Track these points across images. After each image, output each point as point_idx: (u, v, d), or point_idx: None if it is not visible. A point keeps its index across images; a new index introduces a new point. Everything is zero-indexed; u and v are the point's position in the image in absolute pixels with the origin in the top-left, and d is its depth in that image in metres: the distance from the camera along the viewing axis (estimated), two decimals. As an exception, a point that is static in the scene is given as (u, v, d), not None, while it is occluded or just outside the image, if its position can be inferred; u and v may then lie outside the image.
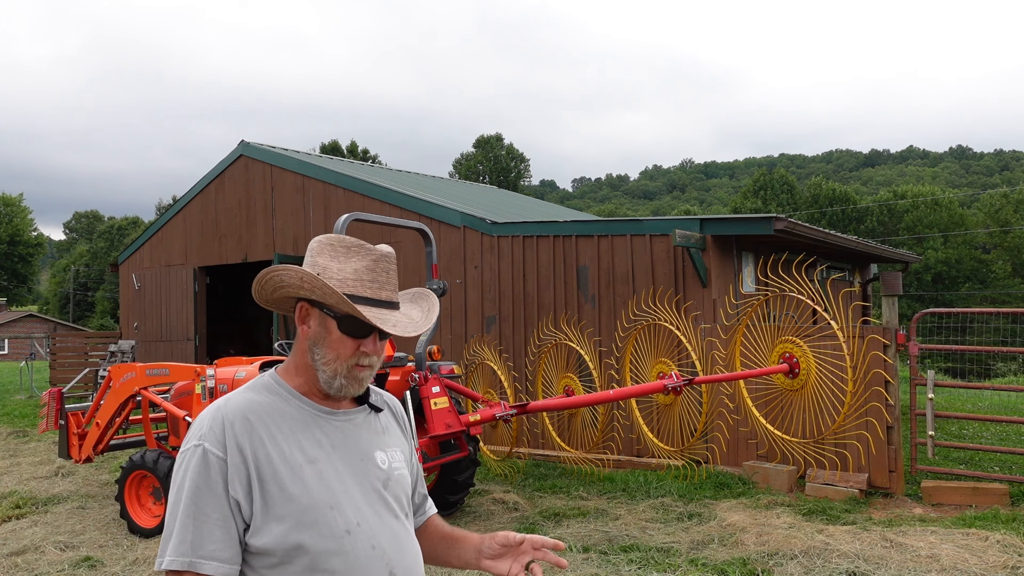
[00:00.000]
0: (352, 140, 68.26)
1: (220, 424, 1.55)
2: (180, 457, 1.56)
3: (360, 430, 1.69)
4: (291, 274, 1.60)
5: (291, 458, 1.56)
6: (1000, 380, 17.21)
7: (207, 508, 1.49)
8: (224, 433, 1.54)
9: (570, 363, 8.24)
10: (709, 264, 8.67)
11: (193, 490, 1.50)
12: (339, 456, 1.62)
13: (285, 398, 1.64)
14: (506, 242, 10.33)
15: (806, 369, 6.18)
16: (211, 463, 1.51)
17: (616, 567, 5.29)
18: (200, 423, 1.57)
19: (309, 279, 1.57)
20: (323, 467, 1.58)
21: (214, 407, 1.60)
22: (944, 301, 44.16)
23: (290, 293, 1.64)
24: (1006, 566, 4.95)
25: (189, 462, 1.53)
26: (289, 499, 1.52)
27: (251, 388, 1.65)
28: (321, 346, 1.62)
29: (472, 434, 6.82)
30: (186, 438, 1.58)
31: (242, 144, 14.52)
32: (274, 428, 1.58)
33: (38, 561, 5.84)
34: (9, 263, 60.22)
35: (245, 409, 1.58)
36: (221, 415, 1.56)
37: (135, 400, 7.32)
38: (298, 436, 1.59)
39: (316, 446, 1.60)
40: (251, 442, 1.54)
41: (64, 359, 18.16)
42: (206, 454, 1.52)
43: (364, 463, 1.65)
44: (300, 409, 1.63)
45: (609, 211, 69.09)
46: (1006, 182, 71.45)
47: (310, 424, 1.62)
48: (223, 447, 1.52)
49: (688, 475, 7.65)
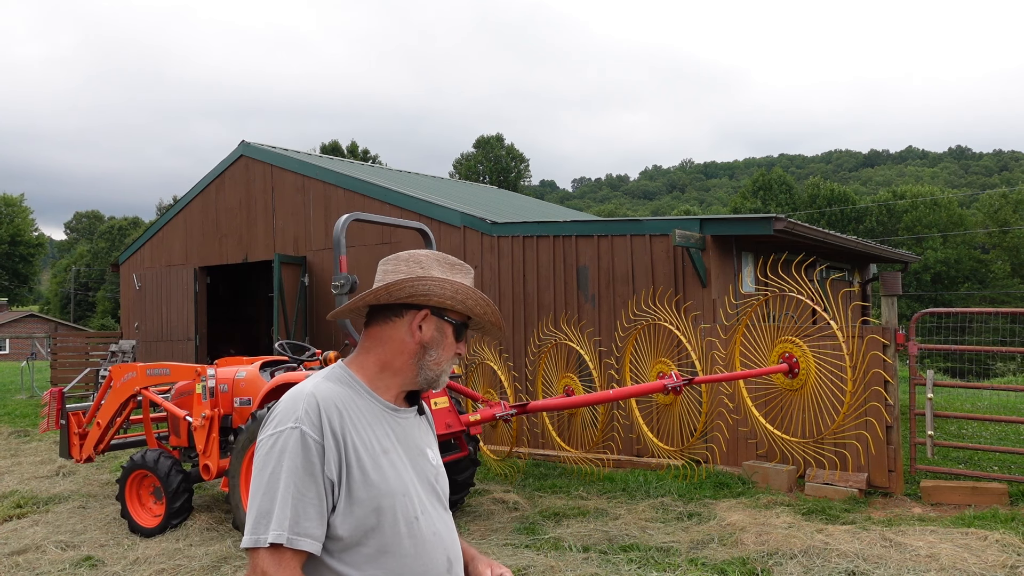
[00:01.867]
0: (352, 140, 68.34)
1: (316, 409, 1.62)
2: (271, 439, 1.61)
3: (414, 428, 1.83)
4: (444, 287, 1.74)
5: (371, 446, 1.67)
6: (999, 380, 17.22)
7: (304, 488, 1.56)
8: (320, 418, 1.61)
9: (570, 363, 8.25)
10: (709, 264, 8.68)
11: (292, 470, 1.56)
12: (403, 449, 1.75)
13: (359, 392, 1.74)
14: (506, 242, 10.34)
15: (806, 369, 6.19)
16: (309, 445, 1.58)
17: (616, 567, 5.31)
18: (292, 407, 1.63)
19: (463, 291, 1.75)
20: (394, 458, 1.70)
21: (304, 393, 1.66)
22: (943, 301, 44.17)
23: (426, 303, 1.75)
24: (1005, 565, 4.97)
25: (286, 443, 1.58)
26: (370, 484, 1.62)
27: (329, 379, 1.74)
28: (436, 349, 1.77)
29: (472, 434, 6.83)
30: (275, 420, 1.63)
31: (242, 144, 14.54)
32: (356, 418, 1.68)
33: (39, 560, 5.85)
34: (10, 263, 60.22)
35: (334, 397, 1.67)
36: (316, 400, 1.63)
37: (136, 400, 7.34)
38: (374, 427, 1.71)
39: (387, 438, 1.72)
40: (342, 428, 1.63)
41: (65, 359, 18.17)
42: (304, 436, 1.58)
43: (421, 458, 1.80)
44: (371, 403, 1.74)
45: (609, 211, 69.10)
46: (1005, 182, 71.47)
47: (380, 418, 1.74)
48: (319, 431, 1.60)
49: (688, 475, 7.67)
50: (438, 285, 1.74)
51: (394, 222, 7.36)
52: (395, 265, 1.79)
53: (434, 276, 1.75)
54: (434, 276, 1.75)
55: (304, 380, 1.77)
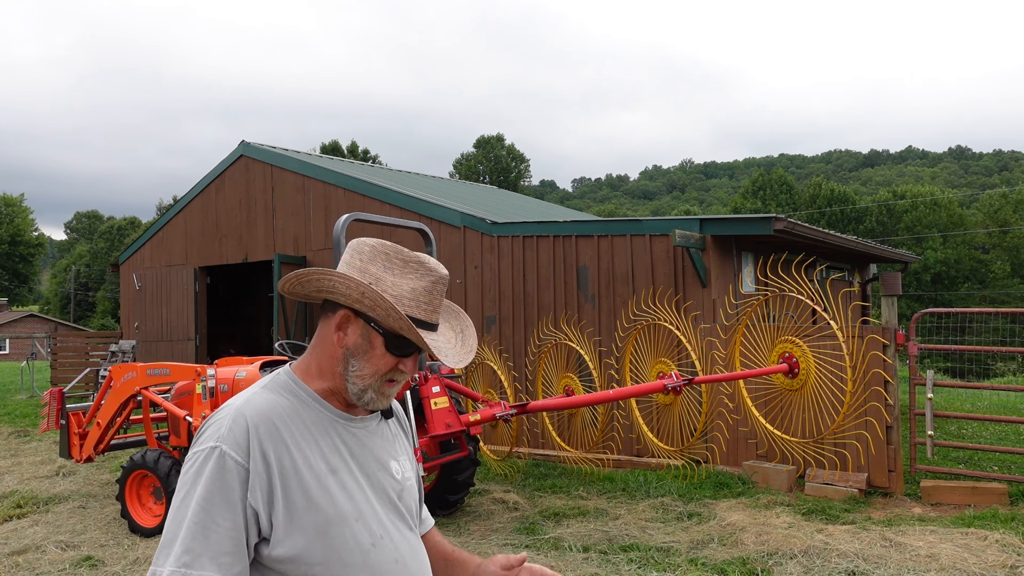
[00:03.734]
0: (352, 140, 68.36)
1: (243, 427, 1.42)
2: (192, 458, 1.43)
3: (374, 438, 1.61)
4: (350, 285, 1.48)
5: (316, 467, 1.46)
6: (999, 380, 17.22)
7: (218, 517, 1.37)
8: (247, 437, 1.42)
9: (570, 363, 8.25)
10: (709, 264, 8.68)
11: (206, 496, 1.37)
12: (358, 465, 1.54)
13: (305, 401, 1.53)
14: (506, 242, 10.34)
15: (806, 369, 6.19)
16: (229, 468, 1.39)
17: (616, 567, 5.31)
18: (218, 423, 1.45)
19: (371, 295, 1.46)
20: (344, 477, 1.50)
21: (234, 407, 1.47)
22: (943, 301, 44.17)
23: (339, 301, 1.52)
24: (1005, 565, 4.97)
25: (203, 465, 1.40)
26: (316, 510, 1.43)
27: (270, 388, 1.53)
28: (360, 359, 1.52)
29: (472, 434, 6.83)
30: (200, 437, 1.45)
31: (242, 144, 14.54)
32: (297, 434, 1.47)
33: (39, 560, 5.85)
34: (10, 263, 60.24)
35: (269, 411, 1.47)
36: (244, 417, 1.44)
37: (136, 400, 7.33)
38: (320, 443, 1.50)
39: (336, 454, 1.51)
40: (275, 448, 1.43)
41: (65, 359, 18.18)
42: (224, 457, 1.39)
43: (381, 473, 1.58)
44: (320, 414, 1.53)
45: (609, 211, 69.10)
46: (1005, 182, 71.48)
47: (329, 430, 1.53)
48: (245, 452, 1.40)
49: (688, 475, 7.67)
50: (343, 283, 1.47)
51: (394, 222, 7.36)
52: (348, 254, 1.56)
53: (371, 274, 1.50)
54: (371, 274, 1.50)
55: (241, 392, 1.54)
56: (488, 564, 1.70)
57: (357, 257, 1.53)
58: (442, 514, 6.83)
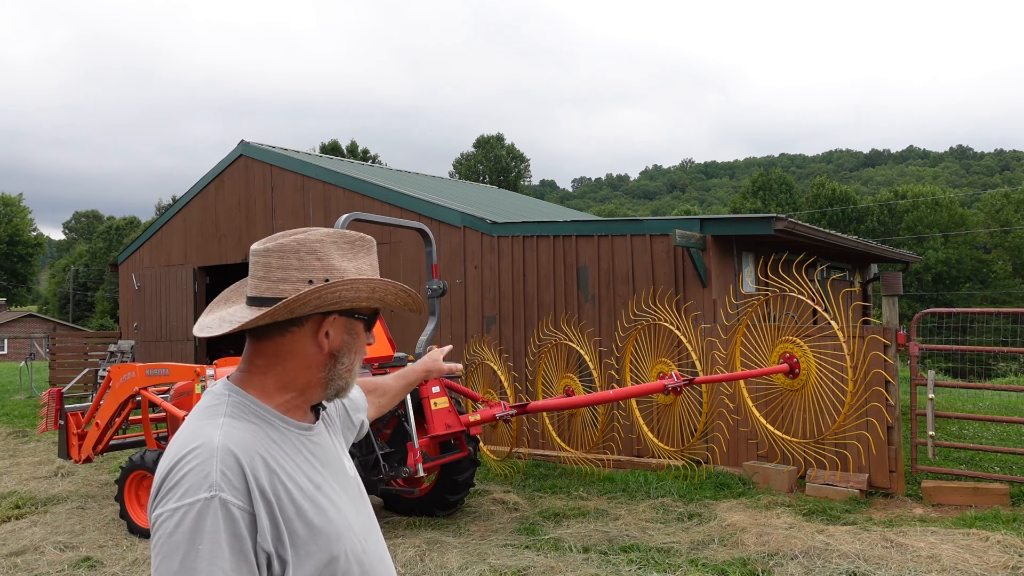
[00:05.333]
0: (352, 140, 68.32)
1: (237, 467, 1.28)
2: (178, 515, 1.22)
3: (326, 439, 1.55)
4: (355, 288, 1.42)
5: (305, 489, 1.38)
6: (1000, 380, 17.21)
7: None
8: (245, 478, 1.27)
9: (570, 363, 8.23)
10: (709, 264, 8.66)
11: (214, 555, 1.19)
12: (331, 473, 1.49)
13: (272, 423, 1.42)
14: (506, 242, 10.33)
15: (806, 369, 6.16)
16: (235, 518, 1.23)
17: (616, 567, 5.29)
18: (199, 469, 1.25)
19: (379, 288, 1.44)
20: (328, 491, 1.45)
21: (213, 446, 1.29)
22: (944, 301, 44.16)
23: (331, 309, 1.43)
24: (1006, 566, 4.95)
25: (200, 521, 1.21)
26: (318, 534, 1.35)
27: (237, 416, 1.39)
28: (348, 353, 1.48)
29: (472, 434, 6.82)
30: (176, 489, 1.24)
31: (242, 144, 14.52)
32: (281, 459, 1.37)
33: (38, 561, 5.84)
34: (9, 263, 60.24)
35: (252, 443, 1.34)
36: (233, 456, 1.29)
37: (135, 400, 7.32)
38: (298, 463, 1.41)
39: (313, 470, 1.44)
40: (270, 482, 1.32)
41: (64, 359, 18.17)
42: (227, 507, 1.23)
43: (342, 473, 1.55)
44: (286, 432, 1.43)
45: (609, 211, 69.10)
46: (1007, 182, 71.44)
47: (299, 446, 1.44)
48: (246, 496, 1.26)
49: (688, 475, 7.65)
50: (350, 288, 1.40)
51: (394, 222, 7.35)
52: (282, 260, 1.42)
53: (338, 270, 1.43)
54: (338, 270, 1.43)
55: (197, 424, 1.36)
56: (408, 372, 1.91)
57: (313, 258, 1.43)
58: (442, 514, 6.81)
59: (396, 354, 6.76)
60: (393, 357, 6.68)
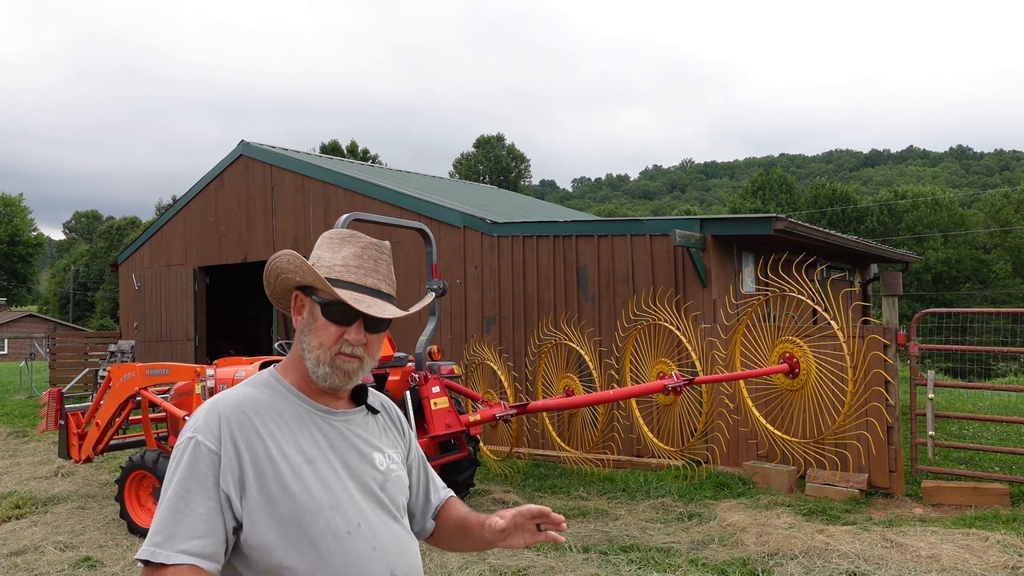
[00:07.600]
0: (352, 140, 68.29)
1: (216, 417, 1.53)
2: (174, 451, 1.54)
3: (358, 430, 1.68)
4: (285, 257, 1.64)
5: (290, 457, 1.54)
6: (1000, 380, 17.20)
7: (192, 502, 1.46)
8: (219, 426, 1.52)
9: (570, 363, 8.23)
10: (709, 264, 8.66)
11: (182, 483, 1.48)
12: (336, 456, 1.61)
13: (283, 395, 1.62)
14: (506, 242, 10.33)
15: (806, 369, 6.17)
16: (202, 455, 1.49)
17: (616, 567, 5.29)
18: (195, 417, 1.56)
19: (295, 261, 1.61)
20: (321, 467, 1.57)
21: (210, 401, 1.59)
22: (944, 301, 44.15)
23: (288, 279, 1.66)
24: (1006, 566, 4.95)
25: (182, 455, 1.51)
26: (290, 498, 1.51)
27: (250, 384, 1.64)
28: (308, 333, 1.62)
29: (472, 434, 6.82)
30: (181, 432, 1.56)
31: (242, 144, 14.52)
32: (272, 425, 1.56)
33: (38, 561, 5.84)
34: (9, 263, 60.22)
35: (241, 403, 1.57)
36: (217, 409, 1.55)
37: (135, 400, 7.32)
38: (296, 434, 1.58)
39: (313, 445, 1.59)
40: (246, 437, 1.53)
41: (64, 359, 18.16)
42: (198, 446, 1.50)
43: (363, 464, 1.65)
44: (297, 406, 1.62)
45: (609, 211, 69.08)
46: (1006, 182, 71.43)
47: (307, 422, 1.61)
48: (217, 440, 1.50)
49: (688, 475, 7.65)
50: (284, 257, 1.64)
51: (394, 222, 7.35)
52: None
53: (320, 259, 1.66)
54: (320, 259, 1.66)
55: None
56: (493, 518, 1.70)
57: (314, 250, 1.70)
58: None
59: (396, 354, 6.76)
60: (393, 357, 6.68)
